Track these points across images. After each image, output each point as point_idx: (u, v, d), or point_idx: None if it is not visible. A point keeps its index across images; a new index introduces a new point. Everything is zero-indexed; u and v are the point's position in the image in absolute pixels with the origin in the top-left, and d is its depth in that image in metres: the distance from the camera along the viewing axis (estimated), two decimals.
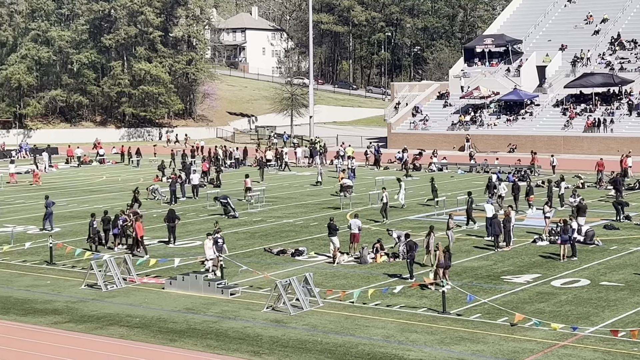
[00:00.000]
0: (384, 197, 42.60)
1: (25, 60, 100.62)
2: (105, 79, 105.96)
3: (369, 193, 48.79)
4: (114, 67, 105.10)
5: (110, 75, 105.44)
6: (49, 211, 41.23)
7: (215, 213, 46.05)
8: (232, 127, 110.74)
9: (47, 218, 41.21)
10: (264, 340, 23.33)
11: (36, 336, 23.96)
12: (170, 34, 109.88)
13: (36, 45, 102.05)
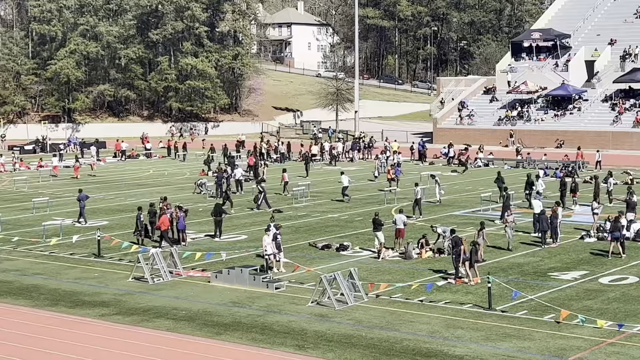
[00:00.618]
0: (417, 193, 42.57)
1: (74, 55, 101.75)
2: (152, 73, 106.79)
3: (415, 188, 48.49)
4: (161, 62, 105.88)
5: (157, 70, 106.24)
6: (82, 204, 41.81)
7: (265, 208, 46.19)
8: (277, 122, 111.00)
9: (81, 211, 41.76)
10: (308, 334, 23.39)
11: (84, 328, 24.25)
12: (216, 29, 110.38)
13: (85, 40, 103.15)
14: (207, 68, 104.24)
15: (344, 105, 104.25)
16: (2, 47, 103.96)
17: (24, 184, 57.21)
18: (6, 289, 28.91)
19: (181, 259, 31.34)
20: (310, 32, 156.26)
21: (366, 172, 64.92)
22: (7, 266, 32.51)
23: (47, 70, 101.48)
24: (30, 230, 39.92)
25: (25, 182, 58.03)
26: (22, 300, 27.44)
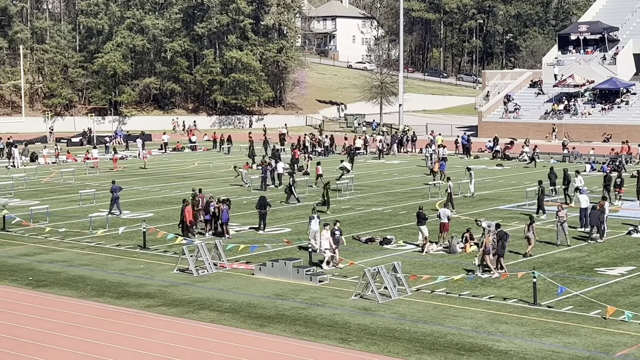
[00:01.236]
0: (448, 188, 42.41)
1: (121, 48, 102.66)
2: (197, 67, 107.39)
3: (459, 182, 48.33)
4: (206, 55, 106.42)
5: (203, 64, 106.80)
6: (115, 196, 42.25)
7: (307, 201, 46.30)
8: (321, 115, 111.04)
9: (114, 203, 42.21)
10: (352, 327, 23.38)
11: (129, 319, 24.48)
12: (261, 22, 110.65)
13: (131, 33, 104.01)
14: (252, 61, 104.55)
15: (388, 99, 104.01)
16: (50, 40, 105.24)
17: (70, 176, 57.89)
18: (53, 279, 29.30)
19: (225, 251, 31.49)
20: (354, 25, 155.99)
21: (410, 165, 64.77)
22: (55, 257, 32.94)
23: (94, 63, 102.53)
24: (77, 221, 40.39)
25: (72, 174, 58.72)
26: (68, 290, 27.78)
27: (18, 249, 34.60)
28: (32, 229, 38.54)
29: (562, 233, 33.86)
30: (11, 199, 48.12)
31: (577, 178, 43.68)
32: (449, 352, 21.29)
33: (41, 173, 60.74)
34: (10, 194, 49.84)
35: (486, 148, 72.65)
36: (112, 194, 42.35)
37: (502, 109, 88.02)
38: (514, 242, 33.20)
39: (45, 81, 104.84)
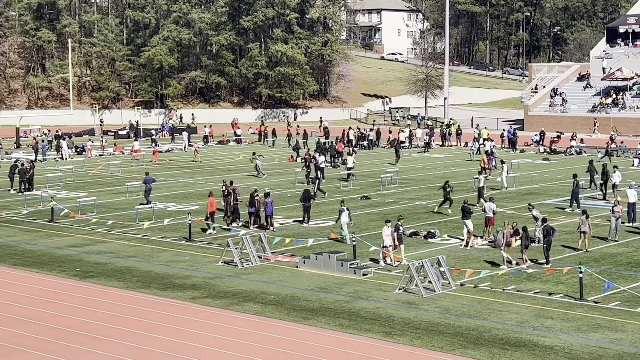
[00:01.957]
0: (480, 181, 42.12)
1: (167, 41, 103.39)
2: (242, 60, 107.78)
3: (504, 176, 47.97)
4: (251, 49, 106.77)
5: (248, 57, 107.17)
6: (148, 187, 42.91)
7: (350, 195, 46.32)
8: (365, 108, 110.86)
9: (147, 194, 42.87)
10: (395, 321, 23.35)
11: (175, 310, 24.69)
12: (306, 15, 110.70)
13: (177, 27, 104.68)
14: (297, 55, 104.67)
15: (433, 92, 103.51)
16: (98, 34, 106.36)
17: (117, 169, 58.50)
18: (100, 270, 29.64)
19: (270, 244, 31.62)
20: (400, 18, 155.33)
21: (455, 159, 64.45)
22: (102, 248, 33.32)
23: (140, 56, 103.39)
24: (123, 213, 40.80)
25: (119, 166, 59.33)
26: (115, 281, 28.09)
27: (66, 240, 35.06)
28: (80, 220, 39.03)
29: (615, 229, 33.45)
30: (59, 190, 48.77)
31: (615, 174, 43.13)
32: (493, 347, 21.17)
33: (89, 165, 61.45)
34: (58, 186, 50.51)
35: (532, 142, 72.01)
36: (145, 185, 43.07)
37: (548, 102, 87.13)
38: (560, 237, 32.93)
39: (93, 74, 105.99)
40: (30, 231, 37.01)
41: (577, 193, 39.91)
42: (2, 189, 48.78)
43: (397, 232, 30.05)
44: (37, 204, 43.43)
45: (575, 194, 39.92)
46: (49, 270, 29.65)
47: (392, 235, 29.87)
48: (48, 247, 33.54)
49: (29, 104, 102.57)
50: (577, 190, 40.01)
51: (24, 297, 26.10)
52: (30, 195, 46.02)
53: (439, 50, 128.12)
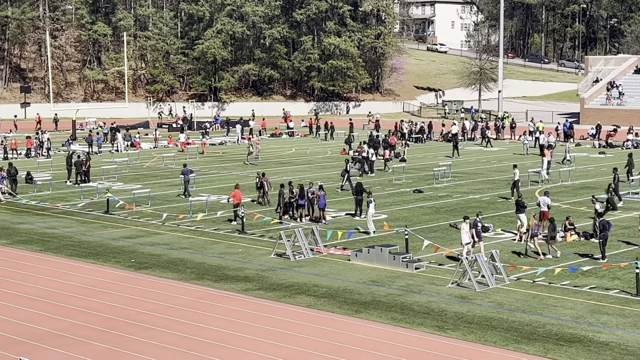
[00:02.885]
0: (515, 174, 41.70)
1: (221, 35, 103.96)
2: (295, 53, 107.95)
3: (559, 170, 47.43)
4: (304, 42, 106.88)
5: (301, 50, 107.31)
6: (187, 179, 43.60)
7: (403, 188, 46.18)
8: (418, 101, 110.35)
9: (186, 185, 43.60)
10: (448, 315, 23.21)
11: (228, 302, 24.84)
12: (359, 8, 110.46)
13: (231, 20, 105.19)
14: (350, 47, 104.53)
15: (487, 85, 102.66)
16: (152, 28, 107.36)
17: (171, 161, 59.02)
18: (155, 261, 29.94)
19: (323, 238, 31.64)
20: (454, 11, 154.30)
21: (509, 152, 63.87)
22: (156, 240, 33.64)
23: (194, 49, 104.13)
24: (177, 205, 41.15)
25: (173, 159, 59.84)
26: (169, 273, 28.34)
27: (121, 231, 35.48)
28: (135, 212, 39.46)
29: None
30: (115, 182, 49.36)
31: None
32: (548, 343, 20.94)
33: (143, 158, 62.09)
34: (114, 178, 51.13)
35: (588, 135, 71.05)
36: (184, 177, 43.75)
37: (605, 95, 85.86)
38: (617, 232, 32.45)
39: (148, 67, 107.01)
40: (86, 222, 37.53)
41: (617, 187, 39.38)
42: (59, 180, 49.52)
43: (475, 228, 29.23)
44: (93, 195, 44.02)
45: (615, 187, 39.37)
46: (104, 261, 30.03)
47: (471, 232, 29.05)
48: (103, 239, 33.96)
49: (85, 97, 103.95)
50: (617, 184, 39.57)
51: (80, 287, 26.48)
52: (86, 187, 46.67)
53: (494, 43, 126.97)
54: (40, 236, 34.50)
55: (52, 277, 27.71)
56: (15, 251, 31.80)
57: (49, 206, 41.77)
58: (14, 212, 40.28)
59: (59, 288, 26.35)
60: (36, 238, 34.10)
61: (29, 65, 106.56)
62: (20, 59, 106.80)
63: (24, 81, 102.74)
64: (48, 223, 37.35)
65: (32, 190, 46.55)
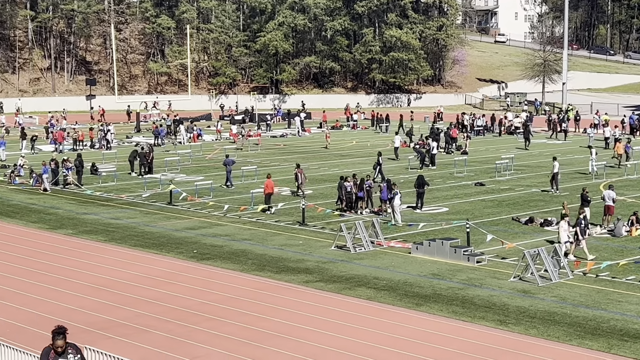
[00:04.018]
0: (555, 167, 41.18)
1: (282, 27, 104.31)
2: (356, 45, 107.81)
3: (626, 163, 46.65)
4: (365, 34, 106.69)
5: (362, 42, 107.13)
6: (228, 169, 44.44)
7: (464, 181, 45.88)
8: (481, 93, 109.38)
9: (228, 175, 44.47)
10: (510, 309, 23.00)
11: (288, 293, 24.95)
12: (421, 0, 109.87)
13: (293, 12, 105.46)
14: (411, 39, 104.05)
15: (551, 77, 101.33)
16: (215, 20, 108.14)
17: (233, 153, 59.43)
18: (216, 252, 30.20)
19: (383, 229, 31.59)
20: (517, 2, 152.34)
21: (573, 145, 63.01)
22: (218, 231, 33.93)
23: (256, 42, 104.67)
24: (238, 197, 41.44)
25: (234, 151, 60.25)
26: (230, 264, 28.56)
27: (184, 222, 35.86)
28: (197, 203, 39.84)
29: None
30: (177, 174, 49.91)
31: None
32: (612, 338, 20.62)
33: (205, 150, 62.65)
34: (176, 169, 51.69)
35: None
36: (226, 167, 44.57)
37: None
38: None
39: (210, 60, 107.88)
40: (149, 213, 38.02)
41: None
42: (124, 172, 50.25)
43: (579, 226, 28.43)
44: (156, 187, 44.57)
45: None
46: (167, 252, 30.38)
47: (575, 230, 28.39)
48: (166, 229, 34.37)
49: (148, 89, 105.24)
50: None
51: (144, 277, 26.84)
52: (150, 179, 47.29)
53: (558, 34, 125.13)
54: (105, 226, 35.05)
55: (116, 267, 28.14)
56: (81, 241, 32.37)
57: (114, 197, 42.42)
58: (79, 203, 41.00)
59: (123, 278, 26.75)
60: (101, 228, 34.66)
61: (94, 58, 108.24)
62: (86, 51, 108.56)
63: (90, 74, 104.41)
64: (112, 214, 37.94)
65: (97, 181, 47.33)
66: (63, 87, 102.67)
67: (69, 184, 45.51)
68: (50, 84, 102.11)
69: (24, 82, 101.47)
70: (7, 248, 31.06)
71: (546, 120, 76.44)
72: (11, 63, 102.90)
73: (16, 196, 43.13)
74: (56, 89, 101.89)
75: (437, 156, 53.32)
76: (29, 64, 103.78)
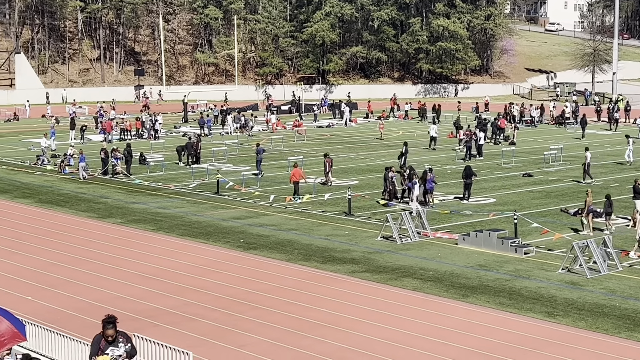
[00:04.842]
0: (587, 158, 41.20)
1: (329, 17, 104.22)
2: (404, 35, 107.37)
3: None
4: (412, 24, 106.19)
5: (409, 32, 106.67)
6: (259, 158, 45.09)
7: (512, 172, 45.51)
8: (529, 83, 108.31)
9: (259, 164, 45.07)
10: (558, 301, 22.80)
11: (334, 283, 24.99)
12: None
13: (339, 2, 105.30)
14: (459, 29, 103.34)
15: (601, 67, 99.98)
16: (262, 11, 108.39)
17: (280, 143, 59.60)
18: (263, 242, 30.34)
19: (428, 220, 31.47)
20: None
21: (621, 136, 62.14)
22: (264, 221, 34.07)
23: (303, 32, 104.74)
24: (285, 187, 41.51)
25: (282, 141, 60.43)
26: (277, 253, 28.67)
27: (230, 212, 36.06)
28: (244, 193, 40.04)
29: None
30: (224, 164, 50.19)
31: None
32: None
33: (252, 140, 62.89)
34: (223, 159, 51.98)
35: None
36: (257, 155, 45.24)
37: None
38: None
39: (257, 50, 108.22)
40: (197, 203, 38.29)
41: None
42: (171, 161, 50.65)
43: None
44: (203, 176, 44.88)
45: None
46: (214, 241, 30.59)
47: None
48: (213, 219, 34.60)
49: (196, 80, 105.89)
50: None
51: (191, 266, 27.06)
52: (197, 168, 47.63)
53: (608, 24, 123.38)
54: (153, 216, 35.39)
55: (164, 256, 28.41)
56: (129, 230, 32.73)
57: (162, 187, 42.80)
58: (128, 192, 41.45)
59: (170, 266, 27.00)
60: (149, 217, 35.00)
61: (142, 48, 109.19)
62: (135, 42, 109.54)
63: (138, 64, 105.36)
64: (160, 203, 38.29)
65: (145, 171, 47.78)
66: (112, 78, 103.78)
67: (118, 173, 46.04)
68: (100, 75, 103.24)
69: (73, 72, 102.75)
70: (57, 237, 31.53)
71: (595, 111, 75.53)
72: (61, 54, 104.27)
73: (66, 185, 43.73)
74: (105, 79, 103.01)
75: (485, 147, 52.94)
76: (79, 54, 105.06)
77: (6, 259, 28.05)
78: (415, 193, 34.71)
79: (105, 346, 13.72)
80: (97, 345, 13.83)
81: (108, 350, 13.74)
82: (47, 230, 32.67)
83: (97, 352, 13.80)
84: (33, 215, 35.78)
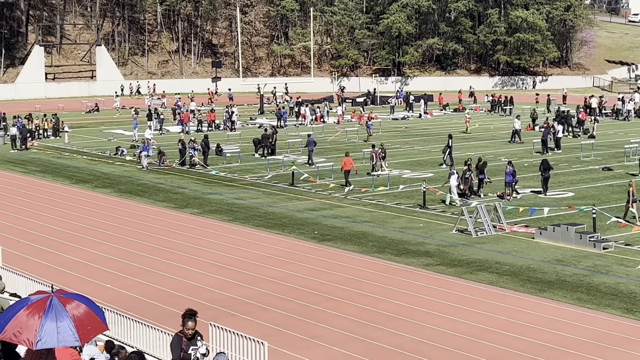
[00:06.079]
0: None
1: (406, 9, 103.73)
2: (481, 27, 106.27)
3: None
4: (490, 15, 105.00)
5: (487, 24, 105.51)
6: (310, 149, 46.01)
7: (591, 165, 44.74)
8: (609, 75, 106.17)
9: (310, 154, 46.10)
10: (638, 297, 22.36)
11: (408, 276, 24.94)
12: None
13: None
14: (538, 20, 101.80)
15: None
16: (338, 3, 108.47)
17: (354, 135, 59.60)
18: (337, 234, 30.42)
19: (505, 213, 31.15)
20: None
21: None
22: (339, 213, 34.16)
23: (379, 24, 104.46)
24: (359, 179, 41.51)
25: (356, 133, 60.42)
26: (351, 245, 28.73)
27: (305, 203, 36.24)
28: (318, 185, 40.18)
29: None
30: (299, 155, 50.40)
31: None
32: None
33: (327, 132, 63.03)
34: (298, 151, 52.21)
35: None
36: (307, 147, 46.20)
37: None
38: None
39: (333, 42, 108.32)
40: (272, 194, 38.58)
41: None
42: (247, 153, 51.08)
43: None
44: (279, 168, 45.17)
45: None
46: (289, 232, 30.79)
47: None
48: (288, 210, 34.82)
49: (272, 72, 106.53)
50: None
51: (266, 257, 27.30)
52: (272, 160, 47.96)
53: None
54: (229, 206, 35.78)
55: (240, 246, 28.72)
56: (206, 220, 33.16)
57: (238, 178, 43.23)
58: (204, 183, 41.97)
59: (246, 257, 27.28)
60: (225, 208, 35.40)
61: (220, 40, 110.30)
62: (212, 34, 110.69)
63: (215, 56, 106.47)
64: (236, 194, 38.69)
65: (222, 162, 48.30)
66: (190, 70, 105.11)
67: (195, 164, 46.65)
68: (178, 67, 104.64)
69: (152, 64, 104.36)
70: (137, 226, 32.13)
71: None
72: (141, 46, 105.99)
73: (145, 175, 44.50)
74: (183, 71, 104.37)
75: (563, 140, 52.12)
76: (158, 46, 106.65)
77: (88, 247, 28.72)
78: (453, 183, 34.96)
79: (187, 344, 13.11)
80: (178, 345, 13.14)
81: (190, 350, 13.06)
82: (127, 219, 33.32)
83: (179, 355, 13.10)
84: (113, 204, 36.53)
